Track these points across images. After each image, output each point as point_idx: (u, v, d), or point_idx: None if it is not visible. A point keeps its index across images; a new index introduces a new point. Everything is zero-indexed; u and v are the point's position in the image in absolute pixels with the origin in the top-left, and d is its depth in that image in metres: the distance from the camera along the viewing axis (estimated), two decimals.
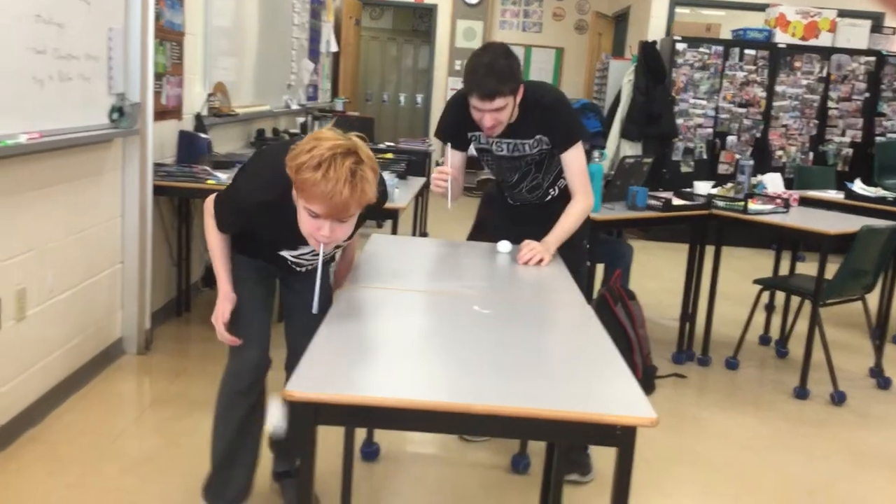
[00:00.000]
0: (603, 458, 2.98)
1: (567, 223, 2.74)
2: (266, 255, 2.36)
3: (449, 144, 2.80)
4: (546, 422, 1.42)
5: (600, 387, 1.56)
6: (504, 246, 2.73)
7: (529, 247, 2.61)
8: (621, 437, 1.40)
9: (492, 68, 2.51)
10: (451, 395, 1.47)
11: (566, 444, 2.36)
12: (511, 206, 3.09)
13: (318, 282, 2.07)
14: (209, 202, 2.32)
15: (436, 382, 1.55)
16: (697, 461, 3.19)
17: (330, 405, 1.42)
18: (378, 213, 2.37)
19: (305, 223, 1.96)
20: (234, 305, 2.35)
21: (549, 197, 2.98)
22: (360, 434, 2.98)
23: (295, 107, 6.95)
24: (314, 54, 7.83)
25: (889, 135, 7.87)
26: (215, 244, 2.33)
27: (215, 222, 2.30)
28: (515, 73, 2.58)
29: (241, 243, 2.36)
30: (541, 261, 2.58)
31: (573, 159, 2.77)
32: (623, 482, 1.44)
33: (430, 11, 10.75)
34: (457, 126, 2.80)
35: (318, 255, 2.06)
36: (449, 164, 2.76)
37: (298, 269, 2.39)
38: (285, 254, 2.30)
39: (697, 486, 3.00)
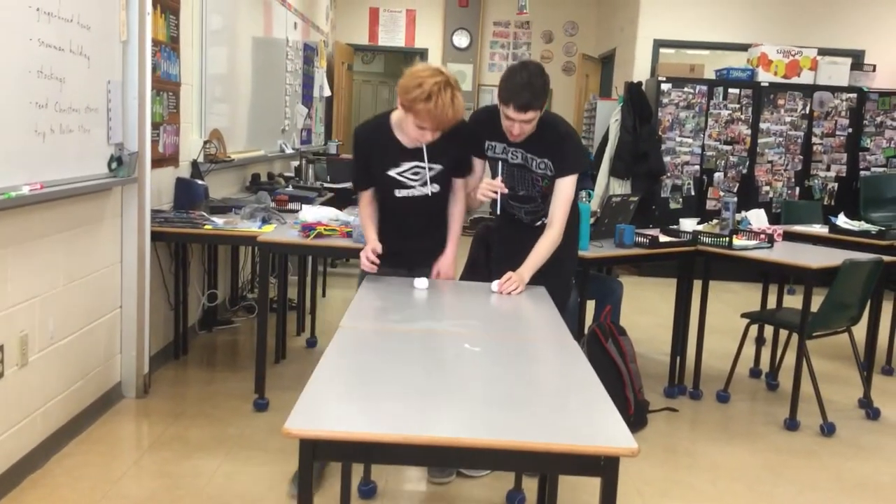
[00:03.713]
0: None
1: (537, 255, 3.01)
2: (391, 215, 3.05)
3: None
4: (533, 454, 1.49)
5: (584, 419, 1.63)
6: (496, 285, 2.83)
7: (507, 277, 2.86)
8: (604, 468, 1.47)
9: (529, 85, 2.84)
10: (443, 429, 1.54)
11: (553, 474, 2.41)
12: (512, 226, 3.31)
13: (419, 192, 2.95)
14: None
15: (429, 418, 1.62)
16: (690, 493, 3.24)
17: (327, 441, 1.49)
18: (468, 144, 3.07)
19: (412, 131, 2.78)
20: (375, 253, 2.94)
21: (541, 223, 3.20)
22: (357, 472, 3.02)
23: (289, 151, 7.07)
24: (307, 99, 7.98)
25: (873, 169, 8.02)
26: (363, 213, 3.06)
27: (354, 186, 3.08)
28: (546, 91, 2.92)
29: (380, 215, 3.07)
30: (516, 289, 2.84)
31: (565, 188, 3.07)
32: None
33: (421, 55, 10.96)
34: (482, 138, 3.13)
35: (417, 172, 2.91)
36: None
37: (404, 192, 2.96)
38: (393, 173, 2.93)
39: None
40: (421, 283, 2.85)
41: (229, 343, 5.05)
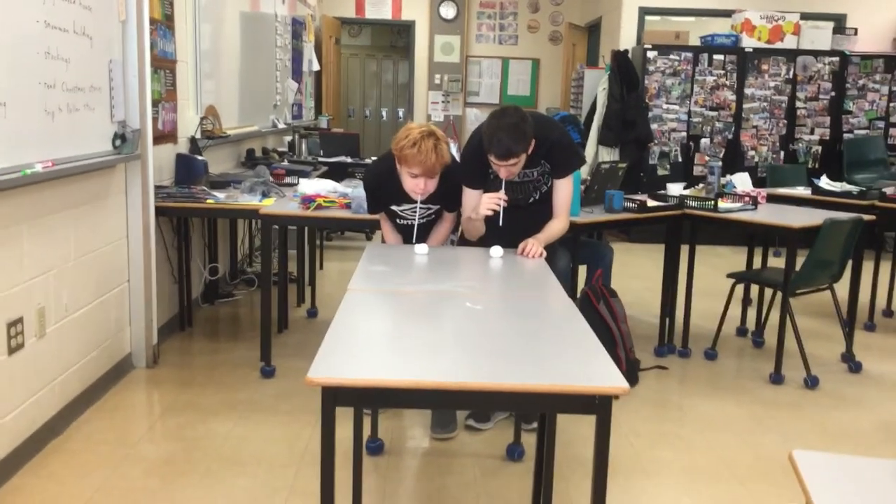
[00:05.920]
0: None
1: (549, 233, 3.23)
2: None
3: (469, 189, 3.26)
4: (534, 395, 1.64)
5: (579, 365, 1.78)
6: (496, 251, 2.99)
7: (529, 242, 3.05)
8: (599, 406, 1.62)
9: (509, 132, 2.95)
10: (452, 375, 1.68)
11: (553, 413, 2.57)
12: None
13: (416, 223, 3.30)
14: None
15: (438, 366, 1.76)
16: (679, 444, 3.41)
17: (347, 388, 1.63)
18: (456, 187, 3.27)
19: (408, 183, 3.13)
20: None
21: (532, 200, 3.36)
22: (365, 431, 3.17)
23: (281, 126, 7.16)
24: (297, 74, 8.05)
25: (857, 131, 8.17)
26: (384, 228, 3.50)
27: (367, 209, 3.52)
28: (528, 135, 3.01)
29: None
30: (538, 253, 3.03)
31: (564, 186, 3.30)
32: (602, 446, 1.65)
33: (408, 28, 11.00)
34: (479, 170, 3.22)
35: (415, 210, 3.26)
36: (470, 205, 3.21)
37: (403, 221, 3.35)
38: (394, 208, 3.33)
39: (679, 466, 3.22)
40: (421, 248, 3.00)
41: (231, 315, 5.19)
